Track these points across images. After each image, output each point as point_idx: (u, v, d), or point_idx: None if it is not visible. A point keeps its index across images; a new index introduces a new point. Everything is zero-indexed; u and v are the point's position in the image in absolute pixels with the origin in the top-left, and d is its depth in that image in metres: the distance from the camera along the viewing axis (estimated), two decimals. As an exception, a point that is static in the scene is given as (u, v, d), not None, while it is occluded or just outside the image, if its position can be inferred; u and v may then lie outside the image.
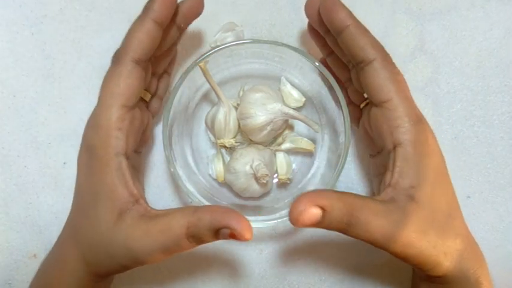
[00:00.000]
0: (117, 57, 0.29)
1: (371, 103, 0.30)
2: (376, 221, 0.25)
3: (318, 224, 0.25)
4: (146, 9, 0.29)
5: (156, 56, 0.32)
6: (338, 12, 0.29)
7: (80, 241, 0.28)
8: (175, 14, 0.30)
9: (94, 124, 0.28)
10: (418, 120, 0.28)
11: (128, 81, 0.28)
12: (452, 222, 0.28)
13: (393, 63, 0.29)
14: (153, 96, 0.34)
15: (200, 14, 0.32)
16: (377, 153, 0.33)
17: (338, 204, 0.25)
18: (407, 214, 0.26)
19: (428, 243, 0.27)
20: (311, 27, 0.34)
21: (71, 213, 0.31)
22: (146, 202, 0.28)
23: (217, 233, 0.25)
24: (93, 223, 0.27)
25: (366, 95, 0.31)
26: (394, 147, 0.28)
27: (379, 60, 0.28)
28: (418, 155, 0.27)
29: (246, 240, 0.24)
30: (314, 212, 0.24)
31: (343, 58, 0.32)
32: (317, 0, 0.30)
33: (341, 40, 0.29)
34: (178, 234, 0.25)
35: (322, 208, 0.24)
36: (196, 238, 0.26)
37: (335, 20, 0.29)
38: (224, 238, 0.25)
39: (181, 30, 0.32)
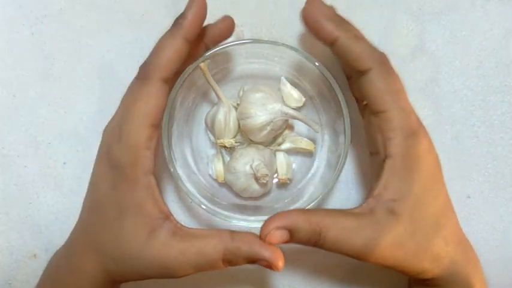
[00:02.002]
0: (146, 75, 0.28)
1: (369, 111, 0.30)
2: (345, 239, 0.26)
3: (286, 242, 0.27)
4: (177, 25, 0.28)
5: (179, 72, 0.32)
6: (322, 27, 0.28)
7: (101, 253, 0.29)
8: (203, 32, 0.30)
9: (121, 141, 0.28)
10: (412, 133, 0.28)
11: (157, 101, 0.28)
12: (440, 230, 0.28)
13: (391, 69, 0.29)
14: None
15: (229, 37, 0.32)
16: (376, 153, 0.33)
17: (304, 225, 0.26)
18: (383, 228, 0.27)
19: (406, 255, 0.27)
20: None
21: (86, 224, 0.30)
22: (175, 219, 0.29)
23: (252, 261, 0.27)
24: (119, 238, 0.28)
25: (364, 103, 0.31)
26: (385, 158, 0.28)
27: (375, 70, 0.28)
28: (405, 169, 0.28)
29: (279, 270, 0.26)
30: (280, 234, 0.26)
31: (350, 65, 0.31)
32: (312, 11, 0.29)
33: (334, 53, 0.29)
34: (215, 259, 0.27)
35: (289, 229, 0.27)
36: (232, 263, 0.27)
37: (322, 35, 0.28)
38: (259, 265, 0.27)
39: (208, 49, 0.32)
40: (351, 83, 0.33)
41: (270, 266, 0.26)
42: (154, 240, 0.27)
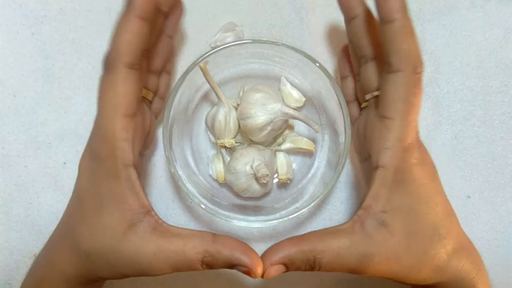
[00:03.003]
0: (109, 64, 0.27)
1: (374, 108, 0.29)
2: (339, 260, 0.26)
3: (285, 272, 0.27)
4: (128, 5, 0.26)
5: (149, 50, 0.31)
6: (388, 3, 0.25)
7: (76, 246, 0.28)
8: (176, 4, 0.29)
9: (98, 135, 0.28)
10: (408, 148, 0.27)
11: (125, 89, 0.27)
12: (440, 240, 0.28)
13: (419, 82, 0.27)
14: (154, 95, 0.34)
15: None
16: (365, 159, 0.32)
17: (297, 256, 0.26)
18: (374, 243, 0.26)
19: (402, 267, 0.27)
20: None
21: (67, 216, 0.30)
22: (156, 214, 0.28)
23: (231, 266, 0.26)
24: (95, 231, 0.27)
25: (367, 97, 0.30)
26: (377, 167, 0.28)
27: (405, 73, 0.26)
28: (396, 181, 0.27)
29: (257, 277, 0.26)
30: (276, 269, 0.27)
31: (358, 51, 0.31)
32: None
33: (382, 32, 0.26)
34: (194, 260, 0.26)
35: (283, 263, 0.27)
36: (210, 266, 0.26)
37: (383, 7, 0.26)
38: (238, 270, 0.27)
39: (165, 14, 0.30)
40: (359, 79, 0.32)
41: (248, 272, 0.26)
42: (133, 235, 0.26)
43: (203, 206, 0.31)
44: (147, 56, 0.31)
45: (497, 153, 0.38)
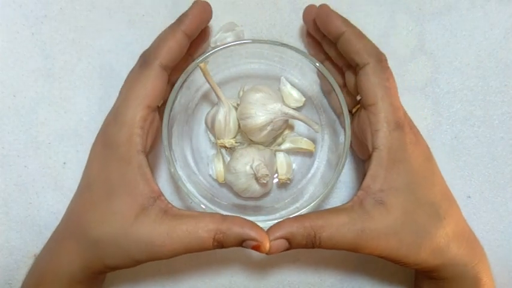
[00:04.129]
0: (146, 60, 0.30)
1: (361, 106, 0.31)
2: (338, 235, 0.28)
3: (287, 250, 0.28)
4: (179, 21, 0.30)
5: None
6: (333, 21, 0.31)
7: (83, 235, 0.29)
8: (206, 31, 0.33)
9: (117, 121, 0.29)
10: (397, 127, 0.29)
11: (155, 84, 0.29)
12: (440, 221, 0.29)
13: (386, 68, 0.30)
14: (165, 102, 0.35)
15: (208, 21, 0.34)
16: (367, 159, 0.33)
17: (298, 231, 0.28)
18: (372, 219, 0.28)
19: (402, 245, 0.28)
20: (308, 34, 0.36)
21: (73, 206, 0.31)
22: (166, 199, 0.29)
23: (241, 242, 0.28)
24: (106, 217, 0.28)
25: (358, 98, 0.31)
26: (372, 151, 0.29)
27: (371, 65, 0.29)
28: (391, 160, 0.29)
29: (266, 251, 0.28)
30: (279, 243, 0.28)
31: (338, 62, 0.33)
32: (314, 9, 0.33)
33: (339, 45, 0.31)
34: (205, 238, 0.27)
35: (285, 238, 0.28)
36: (221, 244, 0.28)
37: (331, 28, 0.31)
38: (246, 247, 0.28)
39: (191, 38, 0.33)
40: (342, 90, 0.34)
41: (258, 246, 0.27)
42: (145, 218, 0.28)
43: (203, 206, 0.31)
44: (172, 71, 0.33)
45: (497, 153, 0.38)
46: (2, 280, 0.36)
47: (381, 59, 0.30)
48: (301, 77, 0.36)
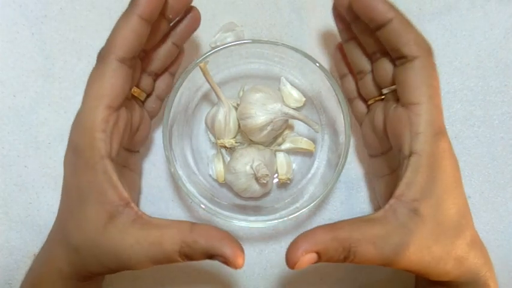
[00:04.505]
0: (101, 56, 0.27)
1: (393, 101, 0.29)
2: (374, 250, 0.25)
3: (316, 263, 0.25)
4: (131, 4, 0.27)
5: (147, 52, 0.31)
6: (378, 5, 0.27)
7: (67, 241, 0.28)
8: (164, 6, 0.29)
9: (79, 125, 0.28)
10: (440, 132, 0.27)
11: (112, 81, 0.27)
12: (462, 232, 0.28)
13: (434, 64, 0.27)
14: (149, 95, 0.34)
15: (189, 3, 0.30)
16: (381, 154, 0.32)
17: (332, 245, 0.25)
18: (409, 232, 0.26)
19: (433, 259, 0.26)
20: (337, 10, 0.32)
21: (59, 212, 0.30)
22: (137, 206, 0.28)
23: (210, 256, 0.25)
24: (80, 225, 0.27)
25: (384, 91, 0.30)
26: (410, 155, 0.27)
27: (422, 59, 0.27)
28: (429, 168, 0.27)
29: (238, 268, 0.25)
30: (309, 258, 0.25)
31: (368, 48, 0.31)
32: None
33: (383, 34, 0.28)
34: (170, 251, 0.25)
35: (317, 252, 0.25)
36: (189, 257, 0.26)
37: (375, 13, 0.27)
38: (217, 260, 0.26)
39: (170, 21, 0.31)
40: (361, 77, 0.32)
41: (227, 263, 0.25)
42: (113, 228, 0.26)
43: (203, 206, 0.31)
44: (143, 56, 0.31)
45: (497, 153, 0.38)
46: (2, 280, 0.36)
47: (431, 53, 0.27)
48: (301, 77, 0.36)
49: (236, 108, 0.34)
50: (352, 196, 0.37)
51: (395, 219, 0.26)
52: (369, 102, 0.32)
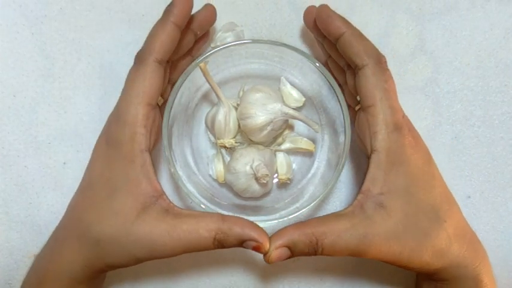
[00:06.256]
0: (141, 58, 0.30)
1: (360, 108, 0.31)
2: (341, 242, 0.28)
3: (289, 258, 0.28)
4: (167, 12, 0.30)
5: (173, 62, 0.33)
6: (333, 22, 0.31)
7: (84, 234, 0.29)
8: (190, 21, 0.32)
9: (119, 120, 0.29)
10: (396, 129, 0.29)
11: (152, 81, 0.29)
12: (440, 223, 0.29)
13: (386, 70, 0.30)
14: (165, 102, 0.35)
15: (213, 23, 0.34)
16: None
17: (300, 239, 0.28)
18: (373, 224, 0.28)
19: (404, 248, 0.28)
20: (314, 32, 0.35)
21: (73, 205, 0.31)
22: (168, 198, 0.29)
23: (242, 242, 0.28)
24: (108, 216, 0.28)
25: (358, 98, 0.31)
26: (371, 153, 0.29)
27: (370, 66, 0.29)
28: (390, 163, 0.29)
29: (265, 252, 0.28)
30: (280, 252, 0.28)
31: (339, 62, 0.34)
32: (314, 10, 0.33)
33: (338, 46, 0.31)
34: (206, 237, 0.27)
35: (287, 246, 0.28)
36: (222, 244, 0.28)
37: (331, 28, 0.31)
38: (246, 247, 0.28)
39: (196, 36, 0.34)
40: (344, 88, 0.34)
41: (258, 247, 0.27)
42: (146, 216, 0.28)
43: (203, 206, 0.31)
44: (170, 68, 0.33)
45: (497, 153, 0.38)
46: (2, 280, 0.36)
47: (380, 60, 0.30)
48: (301, 77, 0.36)
49: (236, 108, 0.34)
50: (352, 196, 0.37)
51: (362, 212, 0.28)
52: (356, 109, 0.34)
